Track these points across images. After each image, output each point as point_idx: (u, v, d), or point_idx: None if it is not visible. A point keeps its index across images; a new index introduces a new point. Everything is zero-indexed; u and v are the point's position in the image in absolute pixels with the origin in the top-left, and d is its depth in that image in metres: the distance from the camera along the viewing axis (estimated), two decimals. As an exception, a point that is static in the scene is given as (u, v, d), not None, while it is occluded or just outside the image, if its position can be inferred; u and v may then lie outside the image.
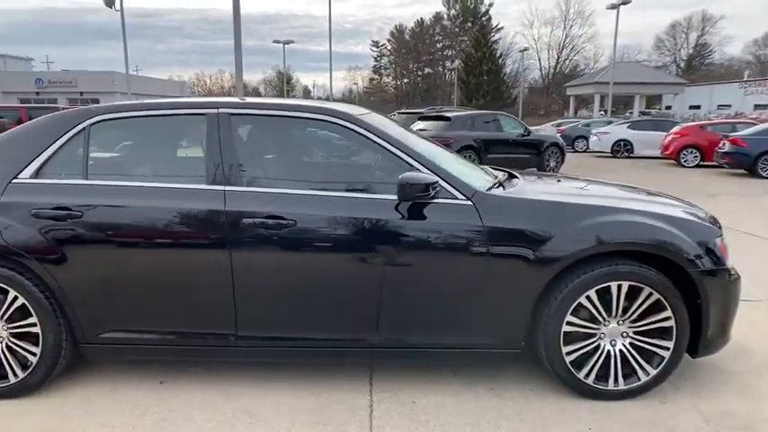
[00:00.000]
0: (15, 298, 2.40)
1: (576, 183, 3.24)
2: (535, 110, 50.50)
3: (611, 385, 2.47)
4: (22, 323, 2.44)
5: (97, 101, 41.84)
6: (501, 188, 2.65)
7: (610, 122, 20.03)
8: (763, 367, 2.80)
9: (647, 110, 41.59)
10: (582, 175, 3.93)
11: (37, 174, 2.47)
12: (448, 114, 10.95)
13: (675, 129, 14.59)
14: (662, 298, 2.39)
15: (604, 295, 2.41)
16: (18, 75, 42.52)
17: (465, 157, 10.38)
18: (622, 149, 16.48)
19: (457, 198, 2.42)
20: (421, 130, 10.99)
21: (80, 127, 2.52)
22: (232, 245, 2.36)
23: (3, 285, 2.39)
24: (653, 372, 2.47)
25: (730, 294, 2.50)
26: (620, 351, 2.47)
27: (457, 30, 65.83)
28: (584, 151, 19.89)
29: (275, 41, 36.86)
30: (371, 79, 79.37)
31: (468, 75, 50.42)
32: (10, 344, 2.46)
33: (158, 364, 2.75)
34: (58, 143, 2.51)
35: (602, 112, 33.41)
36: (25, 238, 2.37)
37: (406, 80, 74.82)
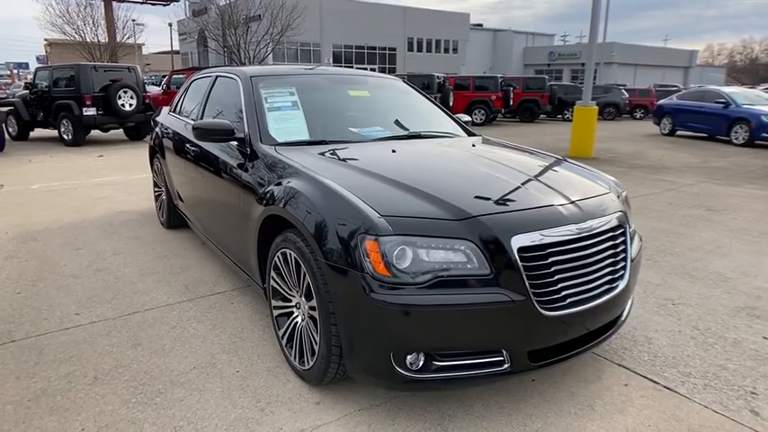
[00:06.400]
0: (160, 167, 4.57)
1: (440, 149, 3.00)
2: None
3: (293, 357, 2.37)
4: (159, 189, 4.64)
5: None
6: (307, 146, 2.74)
7: None
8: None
9: None
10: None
11: (173, 110, 4.52)
12: None
13: None
14: (311, 283, 2.10)
15: (288, 261, 2.31)
16: (538, 50, 49.88)
17: None
18: None
19: (247, 145, 2.83)
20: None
21: (187, 85, 4.37)
22: (185, 154, 3.74)
23: (157, 163, 4.65)
24: (308, 364, 2.21)
25: (361, 311, 1.88)
26: (300, 328, 2.31)
27: None
28: None
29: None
30: None
31: None
32: (163, 197, 4.71)
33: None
34: (181, 93, 4.45)
35: None
36: (158, 141, 4.50)
37: None
